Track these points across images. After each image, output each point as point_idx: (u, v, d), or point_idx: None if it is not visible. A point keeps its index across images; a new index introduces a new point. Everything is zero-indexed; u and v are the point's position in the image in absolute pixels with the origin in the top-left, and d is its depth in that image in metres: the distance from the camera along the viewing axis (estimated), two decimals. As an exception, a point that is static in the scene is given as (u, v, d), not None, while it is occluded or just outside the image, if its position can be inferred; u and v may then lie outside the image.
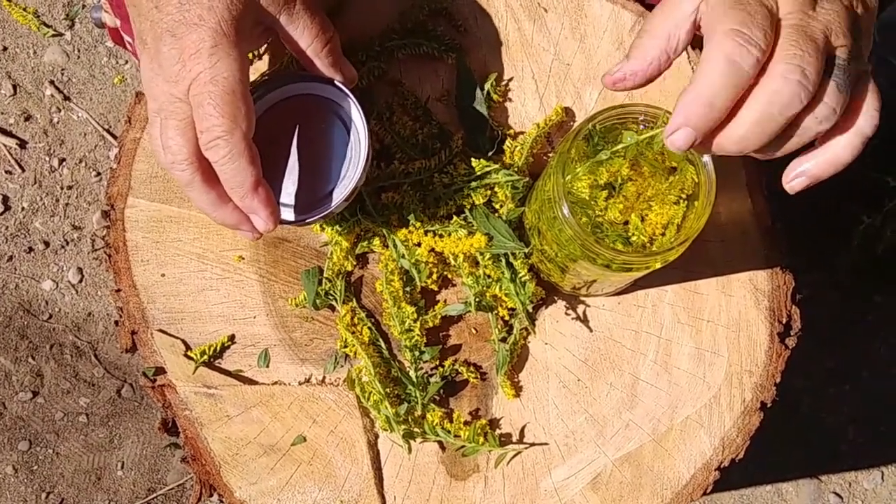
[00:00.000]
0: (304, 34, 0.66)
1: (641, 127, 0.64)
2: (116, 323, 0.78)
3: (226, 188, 0.63)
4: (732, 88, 0.53)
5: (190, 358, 0.76)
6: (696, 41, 0.63)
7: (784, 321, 0.78)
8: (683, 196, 0.65)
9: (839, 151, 0.57)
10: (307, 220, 0.70)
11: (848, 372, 1.52)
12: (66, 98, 1.56)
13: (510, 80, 0.79)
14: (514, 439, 0.77)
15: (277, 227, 0.66)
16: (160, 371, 0.76)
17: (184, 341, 0.77)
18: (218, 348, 0.77)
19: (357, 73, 0.71)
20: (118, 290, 0.77)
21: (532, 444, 0.77)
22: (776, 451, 1.47)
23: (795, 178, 0.59)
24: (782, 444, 1.48)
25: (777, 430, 1.45)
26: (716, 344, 0.77)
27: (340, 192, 0.69)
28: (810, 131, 0.55)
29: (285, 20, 0.65)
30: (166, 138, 0.62)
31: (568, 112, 0.79)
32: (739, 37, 0.52)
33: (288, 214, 0.70)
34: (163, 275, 0.77)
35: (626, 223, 0.65)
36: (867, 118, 0.57)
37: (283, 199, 0.70)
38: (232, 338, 0.77)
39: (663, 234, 0.65)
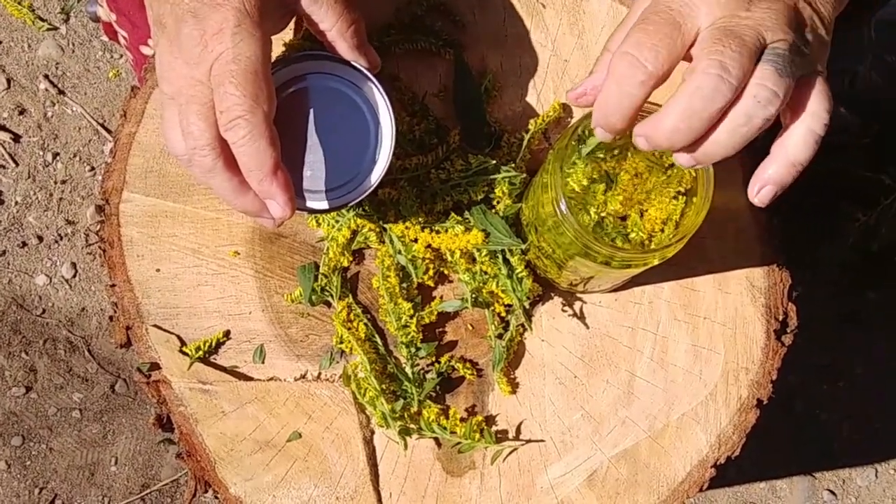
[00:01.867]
0: (327, 15, 0.65)
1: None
2: (111, 318, 0.77)
3: (244, 171, 0.61)
4: (627, 98, 0.56)
5: (185, 353, 0.76)
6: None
7: (780, 318, 0.78)
8: (682, 191, 0.65)
9: (794, 150, 0.58)
10: (344, 206, 0.68)
11: (842, 369, 1.52)
12: (61, 92, 1.56)
13: (507, 75, 0.79)
14: (511, 436, 0.77)
15: (299, 214, 0.65)
16: (155, 367, 0.76)
17: (179, 337, 0.76)
18: (213, 344, 0.76)
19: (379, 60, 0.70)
20: (113, 286, 0.77)
21: (528, 441, 0.77)
22: (770, 449, 1.47)
23: (761, 188, 0.60)
24: (776, 442, 1.48)
25: (771, 427, 1.45)
26: (712, 341, 0.77)
27: (376, 174, 0.67)
28: (756, 118, 0.55)
29: (308, 1, 0.64)
30: (187, 123, 0.60)
31: (565, 108, 0.78)
32: (627, 57, 0.56)
33: (319, 202, 0.68)
34: (158, 270, 0.77)
35: (625, 219, 0.65)
36: (816, 117, 0.58)
37: (307, 186, 0.68)
38: (227, 333, 0.77)
39: (662, 231, 0.65)
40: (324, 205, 0.68)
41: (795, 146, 0.58)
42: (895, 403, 1.52)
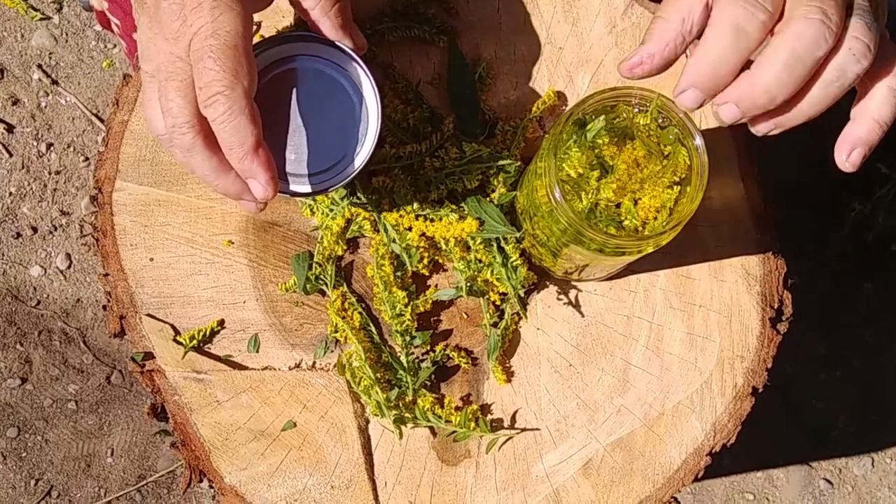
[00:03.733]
0: None
1: (636, 110, 0.64)
2: (104, 307, 0.77)
3: (224, 149, 0.60)
4: (738, 53, 0.54)
5: (179, 343, 0.76)
6: None
7: (776, 306, 0.78)
8: (676, 179, 0.64)
9: (878, 109, 0.57)
10: (327, 190, 0.66)
11: (838, 359, 1.52)
12: (54, 82, 1.55)
13: (502, 63, 0.78)
14: (506, 424, 0.77)
15: (293, 203, 0.64)
16: (149, 356, 0.76)
17: (173, 326, 0.76)
18: (207, 333, 0.76)
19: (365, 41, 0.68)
20: (106, 275, 0.77)
21: (523, 430, 0.76)
22: (767, 438, 1.48)
23: (851, 150, 0.59)
24: (773, 431, 1.48)
25: (767, 416, 1.45)
26: (707, 329, 0.77)
27: (360, 159, 0.66)
28: (850, 72, 0.54)
29: None
30: (166, 101, 0.59)
31: (560, 96, 0.78)
32: (745, 1, 0.54)
33: (302, 185, 0.66)
34: (151, 259, 0.77)
35: (619, 205, 0.65)
36: (894, 75, 0.57)
37: (290, 169, 0.66)
38: (221, 322, 0.77)
39: (656, 219, 0.65)
40: (307, 188, 0.67)
41: (879, 105, 0.57)
42: (892, 393, 1.52)
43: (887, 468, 1.50)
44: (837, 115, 0.69)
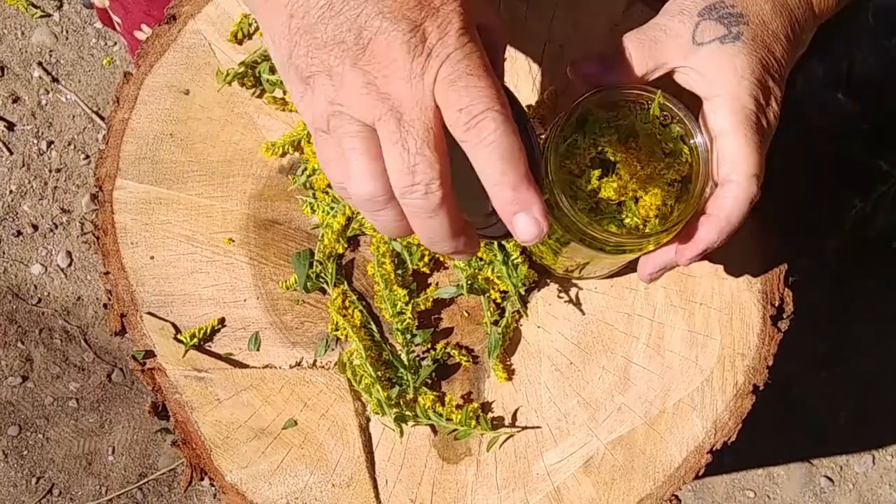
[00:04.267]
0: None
1: (638, 108, 0.64)
2: (105, 306, 0.77)
3: (487, 178, 0.51)
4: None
5: (180, 341, 0.76)
6: None
7: (777, 304, 0.78)
8: (678, 178, 0.64)
9: (735, 211, 0.64)
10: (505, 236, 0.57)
11: (839, 356, 1.52)
12: (55, 80, 1.55)
13: (503, 61, 0.78)
14: (507, 423, 0.77)
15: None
16: (150, 354, 0.76)
17: (173, 324, 0.76)
18: (208, 331, 0.76)
19: None
20: (107, 273, 0.77)
21: (524, 428, 0.76)
22: (767, 436, 1.48)
23: (691, 258, 0.65)
24: (774, 429, 1.48)
25: (768, 414, 1.45)
26: (708, 327, 0.77)
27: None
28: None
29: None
30: (411, 156, 0.50)
31: (562, 94, 0.78)
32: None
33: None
34: (152, 257, 0.76)
35: (620, 204, 0.65)
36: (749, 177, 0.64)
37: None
38: (222, 321, 0.77)
39: (657, 217, 0.64)
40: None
41: (736, 208, 0.63)
42: (893, 390, 1.52)
43: (888, 465, 1.50)
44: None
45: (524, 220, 0.51)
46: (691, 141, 0.64)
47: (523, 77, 0.78)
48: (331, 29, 0.51)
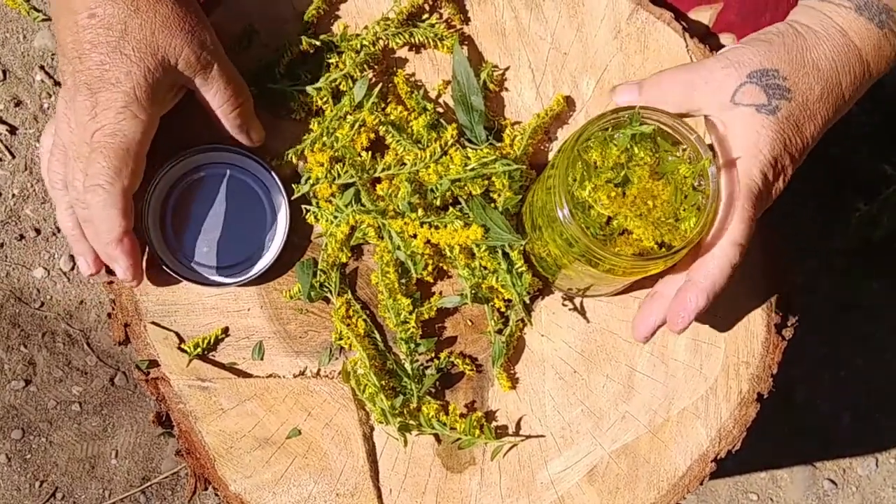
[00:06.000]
0: (216, 96, 0.71)
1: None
2: (109, 315, 0.77)
3: (95, 234, 0.68)
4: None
5: (183, 351, 0.76)
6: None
7: (781, 312, 0.77)
8: (694, 208, 0.64)
9: (719, 279, 0.66)
10: (228, 284, 0.75)
11: (843, 358, 1.52)
12: (57, 83, 1.55)
13: (506, 69, 0.78)
14: (511, 431, 0.77)
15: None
16: (153, 364, 0.76)
17: (177, 334, 0.76)
18: (212, 341, 0.76)
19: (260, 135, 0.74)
20: (110, 282, 0.77)
21: (528, 437, 0.76)
22: (771, 438, 1.47)
23: (680, 325, 0.67)
24: (777, 431, 1.48)
25: (772, 416, 1.45)
26: (713, 335, 0.77)
27: (264, 262, 0.75)
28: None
29: (200, 82, 0.70)
30: (72, 177, 0.68)
31: (567, 102, 0.78)
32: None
33: (211, 274, 0.75)
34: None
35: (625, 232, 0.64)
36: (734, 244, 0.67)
37: (200, 260, 0.75)
38: (226, 330, 0.76)
39: (661, 245, 0.64)
40: (216, 279, 0.75)
41: (719, 274, 0.66)
42: (895, 393, 1.52)
43: (891, 468, 1.50)
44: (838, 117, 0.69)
45: (117, 268, 0.69)
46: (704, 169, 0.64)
47: (527, 85, 0.78)
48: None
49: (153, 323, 0.76)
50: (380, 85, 0.77)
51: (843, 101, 0.67)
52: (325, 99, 0.76)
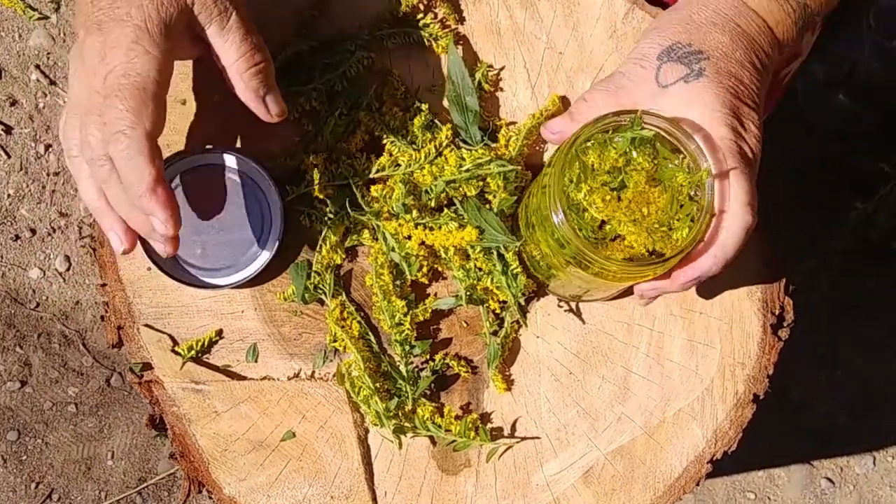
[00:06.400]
0: (230, 49, 0.66)
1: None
2: (102, 318, 0.77)
3: (125, 186, 0.62)
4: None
5: (177, 353, 0.75)
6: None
7: (777, 313, 0.77)
8: (689, 218, 0.64)
9: (729, 246, 0.66)
10: (219, 286, 0.74)
11: (840, 358, 1.52)
12: (52, 83, 1.54)
13: (501, 69, 0.78)
14: (506, 433, 0.76)
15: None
16: (147, 367, 0.75)
17: (171, 336, 0.76)
18: (205, 343, 0.76)
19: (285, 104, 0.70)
20: (104, 285, 0.76)
21: (524, 438, 0.76)
22: (768, 437, 1.47)
23: (686, 282, 0.66)
24: (774, 430, 1.48)
25: (769, 415, 1.45)
26: (708, 336, 0.77)
27: (257, 264, 0.74)
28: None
29: (215, 31, 0.65)
30: (86, 133, 0.62)
31: (563, 102, 0.77)
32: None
33: (205, 276, 0.74)
34: (149, 269, 0.76)
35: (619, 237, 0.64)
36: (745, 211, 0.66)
37: (195, 262, 0.74)
38: (220, 333, 0.76)
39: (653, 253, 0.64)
40: (211, 281, 0.74)
41: (731, 243, 0.65)
42: (892, 391, 1.52)
43: (889, 466, 1.50)
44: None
45: (154, 221, 0.62)
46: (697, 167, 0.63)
47: (522, 85, 0.78)
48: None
49: (146, 325, 0.76)
50: (374, 86, 0.76)
51: (759, 46, 0.67)
52: (319, 100, 0.76)
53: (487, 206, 0.74)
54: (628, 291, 0.75)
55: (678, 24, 0.67)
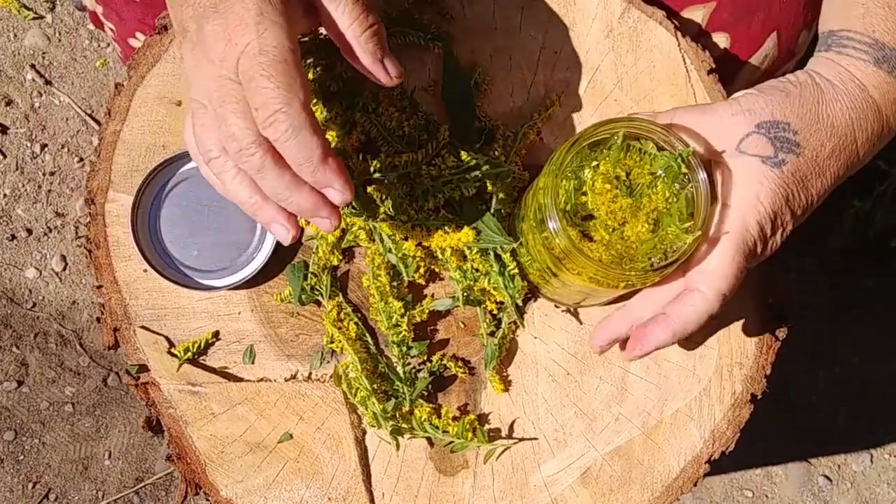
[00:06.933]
0: (344, 14, 0.62)
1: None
2: (98, 319, 0.76)
3: (294, 167, 0.58)
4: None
5: (173, 355, 0.75)
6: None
7: (775, 312, 0.77)
8: (686, 216, 0.64)
9: (689, 323, 0.66)
10: (215, 287, 0.75)
11: (838, 356, 1.52)
12: (48, 82, 1.54)
13: (498, 69, 0.78)
14: (504, 434, 0.76)
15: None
16: (143, 368, 0.75)
17: (167, 338, 0.76)
18: (202, 345, 0.75)
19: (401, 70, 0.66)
20: (100, 287, 0.76)
21: (521, 439, 0.76)
22: (766, 435, 1.47)
23: (641, 351, 0.66)
24: (772, 428, 1.48)
25: (767, 413, 1.45)
26: (706, 336, 0.76)
27: (253, 266, 0.75)
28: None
29: None
30: (227, 126, 0.58)
31: (559, 102, 0.77)
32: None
33: (202, 278, 0.75)
34: (145, 270, 0.76)
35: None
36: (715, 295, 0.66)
37: (192, 264, 0.75)
38: (216, 334, 0.76)
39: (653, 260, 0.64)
40: (208, 282, 0.75)
41: (690, 320, 0.65)
42: (890, 390, 1.52)
43: (886, 464, 1.50)
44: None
45: (330, 192, 0.59)
46: (694, 176, 0.63)
47: (518, 85, 0.77)
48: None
49: (143, 327, 0.76)
50: (370, 86, 0.76)
51: (857, 158, 0.65)
52: (315, 100, 0.75)
53: (484, 206, 0.74)
54: (624, 297, 0.75)
55: (802, 105, 0.64)
